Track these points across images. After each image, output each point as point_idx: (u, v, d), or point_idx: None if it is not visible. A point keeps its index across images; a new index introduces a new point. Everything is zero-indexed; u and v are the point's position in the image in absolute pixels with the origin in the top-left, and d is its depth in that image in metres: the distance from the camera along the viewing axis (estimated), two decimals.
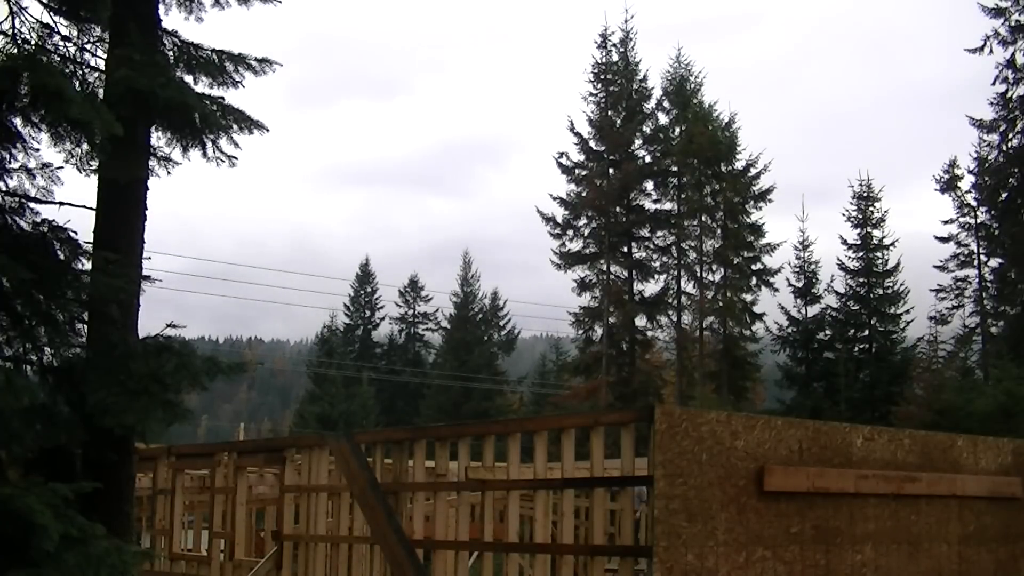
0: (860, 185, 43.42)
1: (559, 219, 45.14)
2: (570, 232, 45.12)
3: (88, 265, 8.73)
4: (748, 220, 43.67)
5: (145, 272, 9.55)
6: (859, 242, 42.89)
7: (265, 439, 25.81)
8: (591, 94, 45.77)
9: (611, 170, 44.70)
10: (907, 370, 40.12)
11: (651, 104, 45.87)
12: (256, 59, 9.94)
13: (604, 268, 44.63)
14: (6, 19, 9.18)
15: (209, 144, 9.64)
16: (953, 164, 40.95)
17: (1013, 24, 37.63)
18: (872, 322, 42.41)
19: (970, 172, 40.33)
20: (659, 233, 45.17)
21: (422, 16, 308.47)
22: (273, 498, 16.66)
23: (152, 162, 9.72)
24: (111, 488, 8.64)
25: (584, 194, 44.90)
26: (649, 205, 45.37)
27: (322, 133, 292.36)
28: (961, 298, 40.81)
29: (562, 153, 45.56)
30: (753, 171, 43.73)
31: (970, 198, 40.70)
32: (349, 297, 67.06)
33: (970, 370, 39.23)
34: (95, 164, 9.10)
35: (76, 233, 8.77)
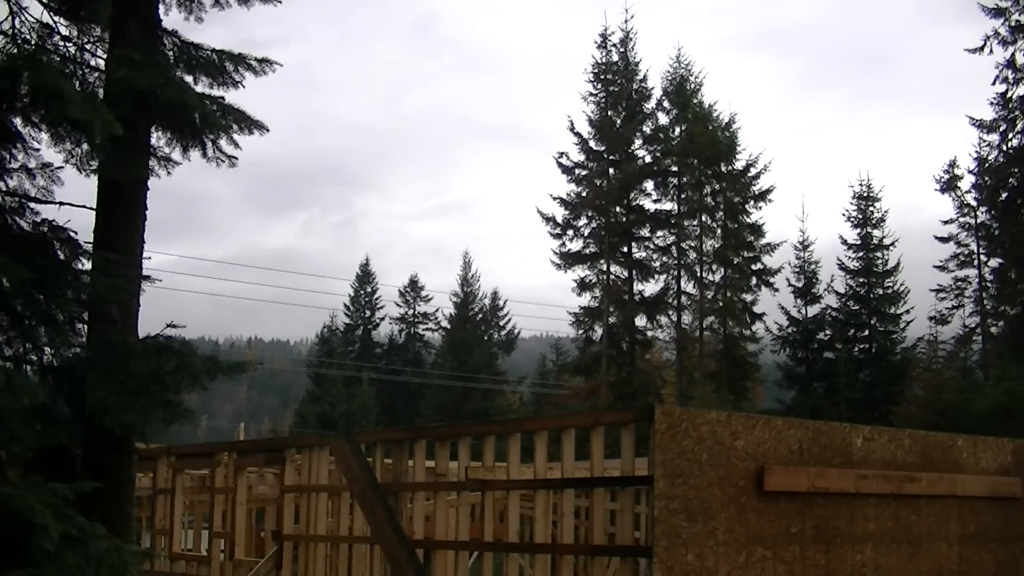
0: (860, 185, 43.55)
1: (559, 219, 45.17)
2: (570, 232, 45.13)
3: (88, 265, 8.72)
4: (748, 220, 43.69)
5: (145, 272, 9.55)
6: (859, 242, 42.93)
7: (265, 439, 25.80)
8: (591, 94, 45.76)
9: (611, 170, 44.67)
10: (907, 370, 40.11)
11: (651, 104, 45.86)
12: (256, 59, 9.93)
13: (604, 268, 44.61)
14: (6, 19, 9.19)
15: (209, 144, 9.64)
16: (953, 164, 40.95)
17: (1013, 24, 37.62)
18: (872, 322, 42.42)
19: (970, 172, 40.34)
20: (659, 233, 45.16)
21: (420, 17, 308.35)
22: (273, 498, 16.66)
23: (152, 162, 9.71)
24: (111, 488, 8.63)
25: (584, 194, 44.87)
26: (649, 205, 45.39)
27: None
28: (961, 298, 40.79)
29: (562, 153, 45.58)
30: (753, 171, 43.77)
31: (970, 198, 40.71)
32: (349, 297, 67.13)
33: (970, 370, 39.21)
34: (95, 164, 9.09)
35: (76, 233, 8.77)
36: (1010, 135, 38.48)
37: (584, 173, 45.15)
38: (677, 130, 44.74)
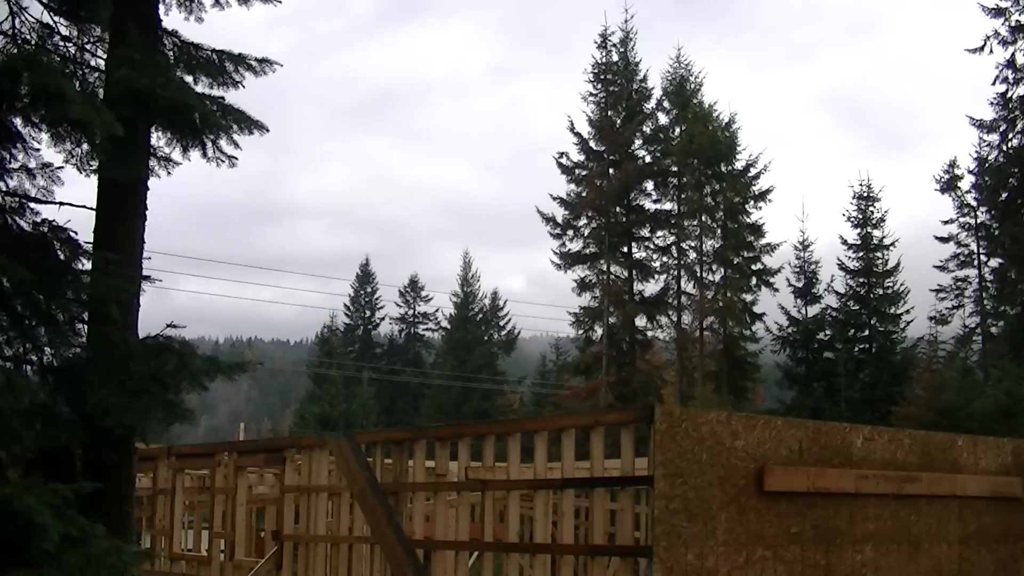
0: (860, 185, 43.57)
1: (559, 219, 45.19)
2: (570, 232, 45.17)
3: (88, 265, 8.72)
4: (748, 220, 43.70)
5: (145, 272, 9.55)
6: (859, 242, 42.95)
7: (265, 439, 25.80)
8: (591, 94, 45.82)
9: (611, 170, 44.70)
10: (907, 370, 40.15)
11: (651, 104, 45.94)
12: (256, 59, 9.93)
13: (604, 268, 44.65)
14: (6, 19, 9.18)
15: (209, 144, 9.63)
16: (953, 164, 40.98)
17: (1013, 24, 37.63)
18: (872, 322, 42.44)
19: (970, 172, 40.38)
20: (659, 233, 45.22)
21: (422, 17, 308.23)
22: (273, 498, 16.65)
23: (152, 162, 9.71)
24: (111, 488, 8.62)
25: (584, 194, 44.91)
26: (649, 205, 45.47)
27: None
28: (961, 298, 40.82)
29: (562, 153, 45.65)
30: (753, 171, 43.78)
31: (970, 198, 40.72)
32: (349, 297, 67.18)
33: (970, 370, 39.19)
34: (95, 164, 9.09)
35: (76, 233, 8.77)
36: (1010, 135, 38.50)
37: (584, 173, 45.20)
38: (677, 130, 44.76)
